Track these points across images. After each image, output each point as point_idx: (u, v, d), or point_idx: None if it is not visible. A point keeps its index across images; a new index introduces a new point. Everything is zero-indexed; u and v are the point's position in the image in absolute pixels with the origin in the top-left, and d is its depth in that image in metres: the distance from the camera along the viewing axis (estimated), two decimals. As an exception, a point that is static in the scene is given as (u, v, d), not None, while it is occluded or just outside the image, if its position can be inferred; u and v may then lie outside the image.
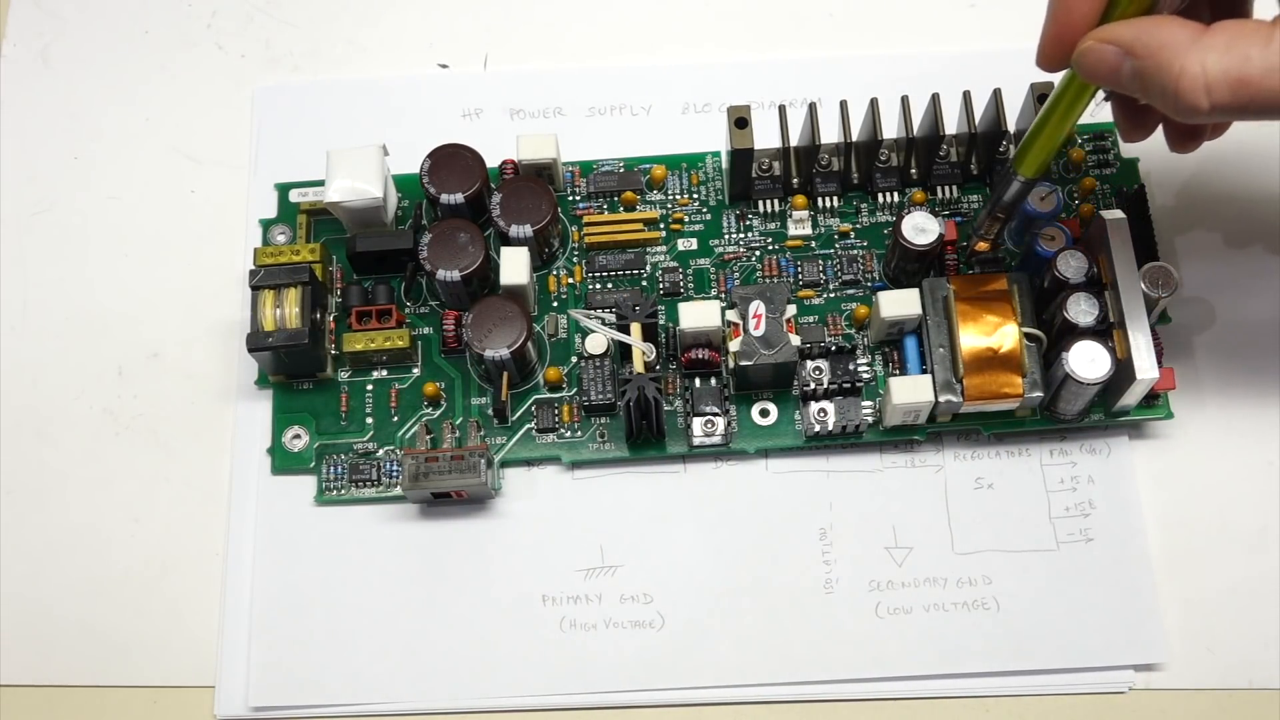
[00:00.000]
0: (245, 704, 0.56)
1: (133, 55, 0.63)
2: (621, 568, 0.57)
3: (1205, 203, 0.62)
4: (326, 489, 0.58)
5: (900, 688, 0.55)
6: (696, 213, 0.61)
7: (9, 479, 0.60)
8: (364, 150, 0.58)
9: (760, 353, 0.54)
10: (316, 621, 0.57)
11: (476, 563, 0.57)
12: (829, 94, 0.60)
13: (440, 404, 0.59)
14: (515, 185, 0.58)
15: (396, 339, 0.57)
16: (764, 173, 0.59)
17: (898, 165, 0.59)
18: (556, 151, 0.59)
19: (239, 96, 0.64)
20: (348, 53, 0.65)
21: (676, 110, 0.64)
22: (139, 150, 0.63)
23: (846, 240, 0.60)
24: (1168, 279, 0.54)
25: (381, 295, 0.59)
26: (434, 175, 0.58)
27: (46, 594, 0.58)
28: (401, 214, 0.61)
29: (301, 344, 0.56)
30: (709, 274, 0.60)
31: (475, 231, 0.57)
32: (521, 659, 0.56)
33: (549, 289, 0.60)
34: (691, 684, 0.56)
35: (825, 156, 0.59)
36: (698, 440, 0.56)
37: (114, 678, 0.58)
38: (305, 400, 0.59)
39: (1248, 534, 0.57)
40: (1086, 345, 0.53)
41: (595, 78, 0.64)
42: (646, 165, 0.61)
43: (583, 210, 0.61)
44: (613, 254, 0.60)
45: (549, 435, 0.58)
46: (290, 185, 0.61)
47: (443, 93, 0.64)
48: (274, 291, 0.56)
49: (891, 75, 0.62)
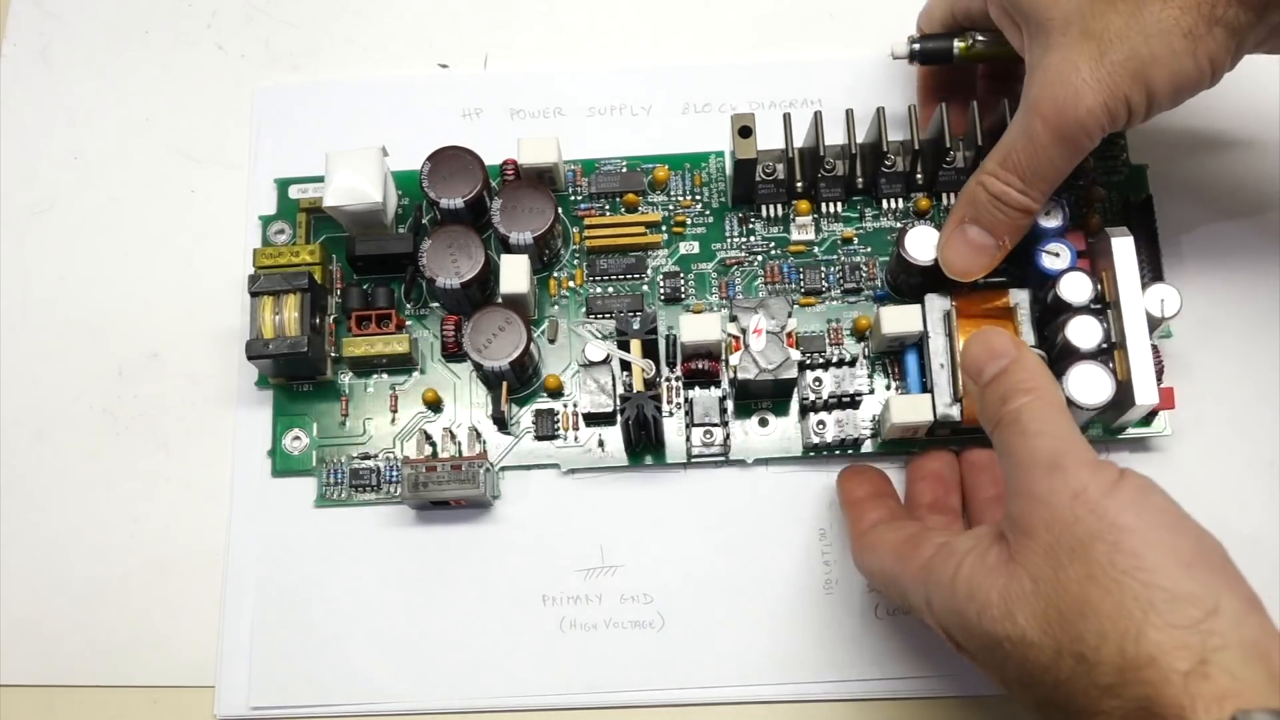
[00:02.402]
0: (245, 704, 0.56)
1: (133, 55, 0.63)
2: (622, 568, 0.57)
3: (1212, 202, 0.62)
4: (326, 493, 0.58)
5: (900, 687, 0.56)
6: (699, 215, 0.60)
7: (9, 479, 0.60)
8: (363, 152, 0.58)
9: (760, 369, 0.54)
10: (317, 622, 0.57)
11: (477, 563, 0.58)
12: (831, 95, 0.60)
13: (440, 408, 0.59)
14: (515, 190, 0.57)
15: (396, 344, 0.57)
16: (767, 176, 0.58)
17: (903, 170, 0.58)
18: (558, 155, 0.58)
19: (239, 96, 0.64)
20: (348, 53, 0.65)
21: (676, 110, 0.64)
22: (139, 150, 0.63)
23: (850, 246, 0.59)
24: (1172, 301, 0.53)
25: (381, 298, 0.59)
26: (433, 178, 0.57)
27: (46, 594, 0.58)
28: (402, 212, 0.61)
29: (301, 353, 0.56)
30: (710, 278, 0.59)
31: (475, 238, 0.57)
32: (522, 659, 0.57)
33: (550, 292, 0.60)
34: (692, 684, 0.56)
35: (830, 160, 0.58)
36: (696, 450, 0.56)
37: (114, 678, 0.58)
38: (305, 402, 0.59)
39: (1246, 539, 0.57)
40: (1086, 369, 0.52)
41: (595, 78, 0.64)
42: (649, 165, 0.61)
43: (584, 211, 0.61)
44: (614, 257, 0.60)
45: (548, 442, 0.58)
46: (290, 181, 0.61)
47: (443, 92, 0.64)
48: (273, 298, 0.56)
49: (894, 76, 0.62)
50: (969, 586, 0.42)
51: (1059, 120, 0.48)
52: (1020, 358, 0.44)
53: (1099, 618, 0.37)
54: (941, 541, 0.46)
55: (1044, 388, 0.43)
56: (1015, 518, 0.41)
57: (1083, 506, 0.39)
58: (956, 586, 0.42)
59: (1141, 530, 0.38)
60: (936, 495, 0.55)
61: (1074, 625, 0.38)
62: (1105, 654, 0.37)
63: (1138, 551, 0.37)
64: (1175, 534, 0.38)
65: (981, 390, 0.45)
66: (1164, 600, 0.37)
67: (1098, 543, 0.38)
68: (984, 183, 0.51)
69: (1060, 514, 0.39)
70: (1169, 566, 0.37)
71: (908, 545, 0.48)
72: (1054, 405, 0.43)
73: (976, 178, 0.51)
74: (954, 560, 0.43)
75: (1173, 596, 0.37)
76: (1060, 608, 0.38)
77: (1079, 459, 0.40)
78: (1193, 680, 0.35)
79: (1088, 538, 0.38)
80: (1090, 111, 0.47)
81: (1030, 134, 0.49)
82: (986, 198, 0.51)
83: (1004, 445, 0.43)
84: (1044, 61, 0.48)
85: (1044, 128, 0.48)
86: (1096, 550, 0.38)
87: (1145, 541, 0.38)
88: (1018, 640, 0.40)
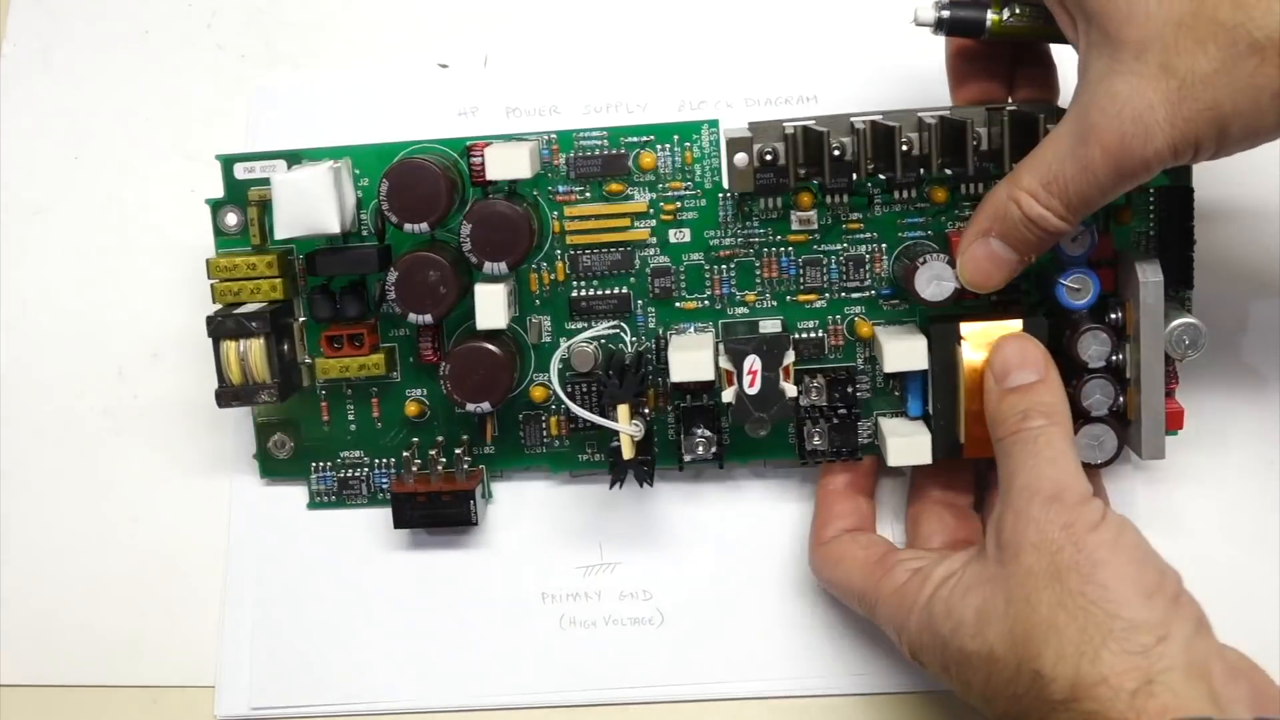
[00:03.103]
0: (246, 704, 0.57)
1: (133, 55, 0.63)
2: (620, 565, 0.57)
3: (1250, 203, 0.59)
4: (317, 497, 0.58)
5: (898, 682, 0.56)
6: (691, 199, 0.56)
7: (9, 479, 0.60)
8: (313, 175, 0.52)
9: (754, 414, 0.51)
10: (317, 622, 0.58)
11: (475, 562, 0.58)
12: (832, 93, 0.59)
13: (425, 415, 0.57)
14: (485, 212, 0.51)
15: (371, 366, 0.55)
16: (767, 163, 0.52)
17: (919, 154, 0.51)
18: (529, 168, 0.52)
19: (239, 96, 0.64)
20: (348, 52, 0.64)
21: (672, 108, 0.60)
22: (139, 150, 0.62)
23: (854, 236, 0.55)
24: (1196, 339, 0.50)
25: (351, 307, 0.55)
26: (394, 200, 0.51)
27: (46, 594, 0.59)
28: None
29: (273, 401, 0.54)
30: (703, 270, 0.56)
31: (445, 268, 0.52)
32: (522, 657, 0.57)
33: (530, 288, 0.56)
34: (691, 680, 0.56)
35: (837, 140, 0.51)
36: (689, 457, 0.55)
37: (114, 678, 0.59)
38: (287, 407, 0.58)
39: (1246, 537, 0.57)
40: (1092, 429, 0.51)
41: (592, 76, 0.61)
42: (632, 140, 0.55)
43: (563, 195, 0.56)
44: (598, 252, 0.56)
45: (538, 448, 0.57)
46: (235, 158, 0.56)
47: (438, 91, 0.62)
48: (235, 341, 0.53)
49: (893, 70, 0.60)
50: (946, 606, 0.46)
51: (1122, 156, 0.43)
52: (1048, 378, 0.48)
53: (1061, 640, 0.41)
54: (916, 567, 0.49)
55: (1062, 415, 0.47)
56: (1005, 533, 0.45)
57: (1068, 537, 0.43)
58: (933, 608, 0.47)
59: (1114, 564, 0.42)
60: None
61: (1036, 644, 0.42)
62: (1061, 672, 0.41)
63: (1107, 584, 0.42)
64: (1141, 568, 0.43)
65: (1002, 394, 0.48)
66: (1122, 628, 0.41)
67: (1073, 573, 0.42)
68: (1019, 200, 0.46)
69: (1048, 539, 0.43)
70: (1131, 598, 0.42)
71: (878, 567, 0.51)
72: (1067, 436, 0.47)
73: (1010, 193, 0.47)
74: (930, 586, 0.47)
75: (1131, 625, 0.41)
76: (1027, 627, 0.42)
77: (1076, 494, 0.44)
78: (1139, 697, 0.40)
79: (1066, 566, 0.43)
80: (1158, 153, 0.43)
81: (1085, 163, 0.44)
82: (1020, 217, 0.47)
83: (1011, 458, 0.47)
84: (1110, 85, 0.43)
85: (1103, 160, 0.44)
86: (1071, 579, 0.42)
87: (1115, 575, 0.42)
88: (985, 656, 0.44)
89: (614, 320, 0.56)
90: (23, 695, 0.58)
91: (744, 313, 0.56)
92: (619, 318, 0.56)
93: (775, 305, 0.56)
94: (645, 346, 0.55)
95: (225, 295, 0.54)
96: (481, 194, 0.53)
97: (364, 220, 0.56)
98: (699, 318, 0.56)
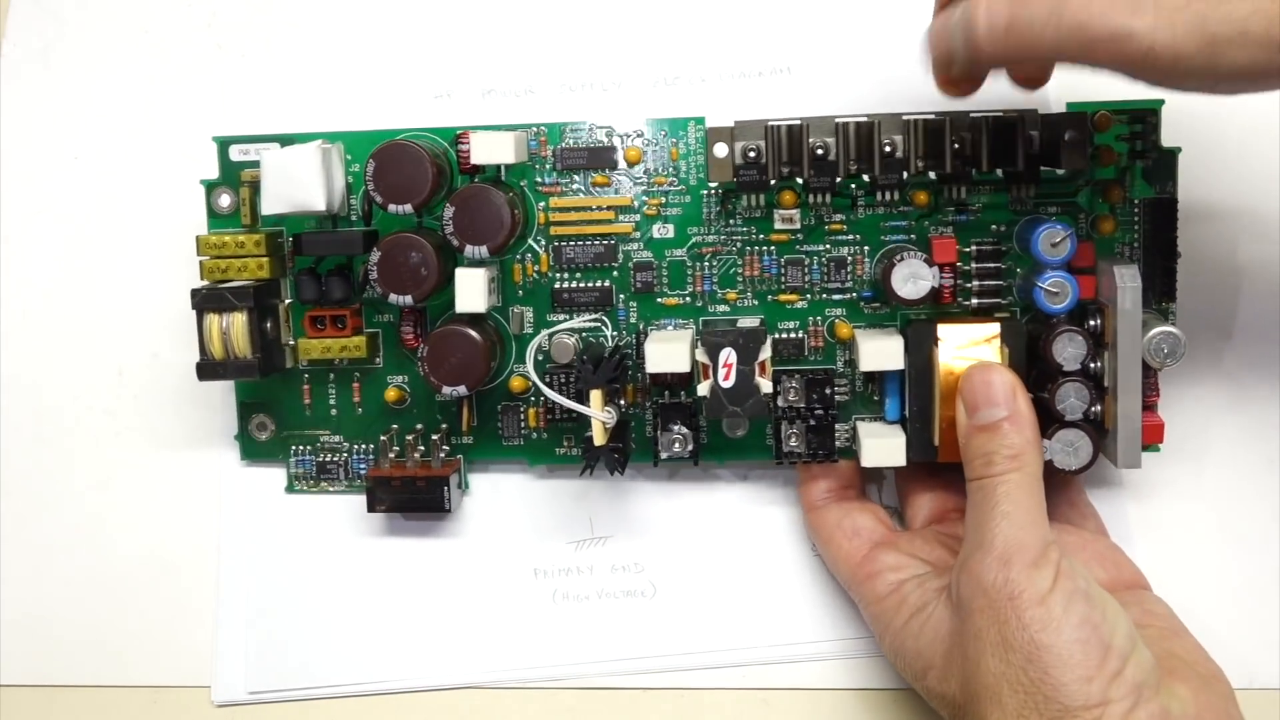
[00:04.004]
0: (244, 689, 0.58)
1: (133, 55, 0.64)
2: (611, 538, 0.58)
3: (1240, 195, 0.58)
4: (295, 481, 0.59)
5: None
6: (675, 194, 0.56)
7: (9, 479, 0.61)
8: (301, 153, 0.54)
9: (728, 408, 0.51)
10: (311, 606, 0.58)
11: (465, 540, 0.58)
12: (812, 64, 0.59)
13: (405, 401, 0.58)
14: (468, 197, 0.52)
15: (353, 348, 0.56)
16: (750, 160, 0.52)
17: (900, 156, 0.52)
18: (514, 154, 0.53)
19: (239, 96, 0.64)
20: (346, 51, 0.65)
21: (647, 85, 0.61)
22: (139, 150, 0.63)
23: (837, 237, 0.55)
24: (1175, 348, 0.50)
25: (336, 289, 0.56)
26: (379, 180, 0.52)
27: (46, 594, 0.60)
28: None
29: (254, 377, 0.55)
30: (685, 266, 0.56)
31: (427, 250, 0.53)
32: (516, 633, 0.57)
33: (514, 279, 0.56)
34: (685, 650, 0.57)
35: (820, 140, 0.52)
36: (665, 455, 0.54)
37: (113, 677, 0.59)
38: (268, 389, 0.58)
39: (1246, 536, 0.57)
40: (1067, 434, 0.51)
41: (567, 56, 0.61)
42: (622, 135, 0.56)
43: (549, 187, 0.57)
44: (582, 244, 0.56)
45: (515, 440, 0.57)
46: (231, 140, 0.57)
47: (414, 76, 0.62)
48: (218, 315, 0.54)
49: (867, 42, 0.60)
50: (916, 645, 0.48)
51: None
52: (1015, 414, 0.48)
53: (1004, 713, 0.44)
54: (896, 582, 0.51)
55: (1029, 456, 0.47)
56: (961, 592, 0.46)
57: (1013, 610, 0.44)
58: (905, 642, 0.49)
59: (1055, 648, 0.43)
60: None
61: (984, 707, 0.45)
62: None
63: (1048, 669, 0.43)
64: (1085, 649, 0.43)
65: (971, 430, 0.48)
66: (1057, 710, 0.43)
67: (1016, 653, 0.44)
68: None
69: (996, 610, 0.45)
70: (1069, 683, 0.43)
71: (860, 569, 0.52)
72: (1030, 482, 0.47)
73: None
74: (905, 612, 0.49)
75: (1066, 709, 0.43)
76: (977, 688, 0.45)
77: (1029, 555, 0.45)
78: None
79: (1011, 643, 0.44)
80: (1133, 33, 0.40)
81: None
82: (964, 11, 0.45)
83: (973, 505, 0.47)
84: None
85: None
86: (1015, 657, 0.44)
87: (1056, 660, 0.43)
88: (950, 699, 0.47)
89: (595, 314, 0.56)
90: (23, 695, 0.59)
91: (725, 310, 0.56)
92: (601, 311, 0.56)
93: (756, 304, 0.56)
94: (625, 341, 0.56)
95: (213, 272, 0.55)
96: (469, 182, 0.54)
97: (353, 205, 0.57)
98: (680, 314, 0.56)
